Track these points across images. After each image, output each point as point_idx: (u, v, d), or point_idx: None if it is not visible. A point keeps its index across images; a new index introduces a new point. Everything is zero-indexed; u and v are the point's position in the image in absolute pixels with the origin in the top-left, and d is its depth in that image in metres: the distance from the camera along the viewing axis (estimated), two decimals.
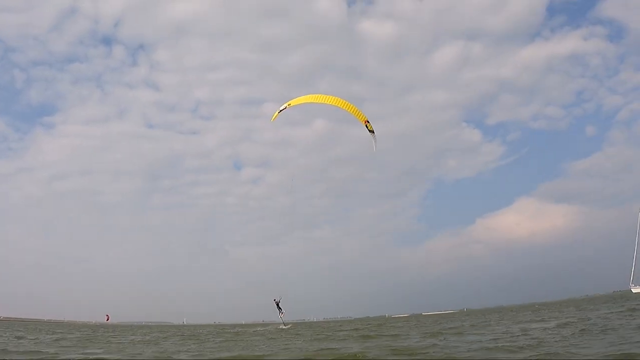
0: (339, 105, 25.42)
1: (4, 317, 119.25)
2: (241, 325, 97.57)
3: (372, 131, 25.59)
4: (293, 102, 26.94)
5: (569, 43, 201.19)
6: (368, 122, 25.55)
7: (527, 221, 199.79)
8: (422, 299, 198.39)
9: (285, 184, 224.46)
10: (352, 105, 25.56)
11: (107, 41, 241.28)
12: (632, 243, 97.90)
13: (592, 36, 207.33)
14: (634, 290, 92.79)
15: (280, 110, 26.98)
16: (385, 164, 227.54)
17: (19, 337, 30.26)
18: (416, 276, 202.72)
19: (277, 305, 41.32)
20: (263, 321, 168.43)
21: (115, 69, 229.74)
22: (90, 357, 17.39)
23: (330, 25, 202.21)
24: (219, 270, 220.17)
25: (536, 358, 12.03)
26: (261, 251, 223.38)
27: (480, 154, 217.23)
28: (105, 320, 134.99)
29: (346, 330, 33.97)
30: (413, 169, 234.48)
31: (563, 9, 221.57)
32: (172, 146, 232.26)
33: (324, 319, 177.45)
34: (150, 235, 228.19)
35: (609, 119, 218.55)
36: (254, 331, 42.41)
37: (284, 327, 42.74)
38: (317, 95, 26.43)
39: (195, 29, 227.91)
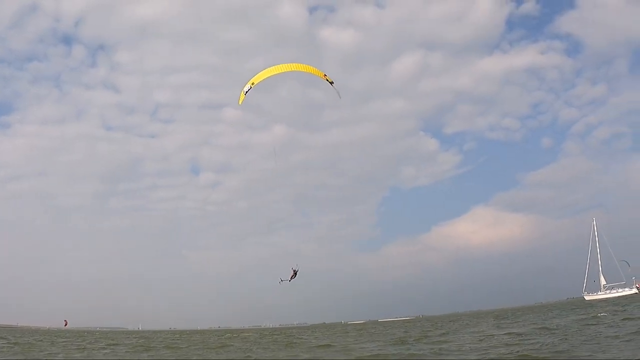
0: (299, 70, 25.94)
1: None
2: (200, 332, 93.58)
3: (331, 82, 26.59)
4: (256, 79, 26.26)
5: (526, 56, 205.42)
6: (326, 75, 26.60)
7: (483, 230, 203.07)
8: (379, 306, 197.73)
9: (243, 190, 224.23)
10: (309, 67, 26.30)
11: (68, 40, 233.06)
12: (585, 252, 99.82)
13: (550, 50, 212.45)
14: (587, 298, 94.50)
15: (245, 92, 26.47)
16: (344, 170, 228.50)
17: None
18: (372, 282, 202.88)
19: (295, 273, 38.38)
20: (219, 327, 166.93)
21: (74, 68, 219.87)
22: None
23: (292, 31, 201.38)
24: (177, 275, 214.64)
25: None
26: (220, 256, 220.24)
27: (437, 162, 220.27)
28: (63, 326, 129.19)
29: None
30: (371, 176, 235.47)
31: (522, 23, 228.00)
32: (130, 149, 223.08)
33: (280, 325, 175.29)
34: (107, 239, 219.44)
35: (564, 131, 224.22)
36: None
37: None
38: (276, 66, 26.13)
39: (157, 31, 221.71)
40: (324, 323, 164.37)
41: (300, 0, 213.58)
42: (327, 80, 26.57)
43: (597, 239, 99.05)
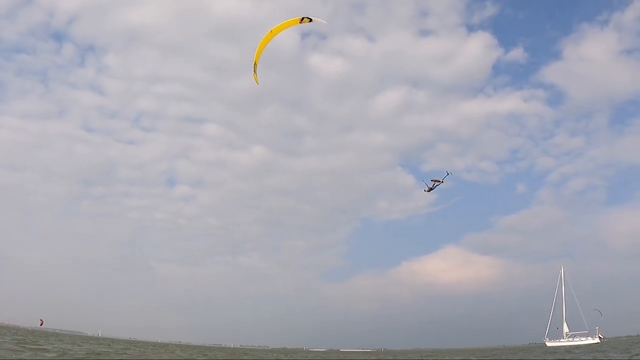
0: (289, 25, 25.84)
1: None
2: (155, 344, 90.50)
3: (310, 20, 26.03)
4: (256, 57, 26.34)
5: (509, 102, 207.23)
6: (303, 18, 26.04)
7: (452, 269, 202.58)
8: (342, 335, 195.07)
9: (215, 206, 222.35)
10: (294, 19, 25.89)
11: (59, 37, 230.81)
12: (550, 299, 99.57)
13: (533, 98, 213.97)
14: (548, 344, 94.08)
15: (255, 72, 26.72)
16: (318, 198, 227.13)
17: None
18: (338, 312, 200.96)
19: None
20: (180, 342, 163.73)
21: (62, 66, 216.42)
22: None
23: (281, 55, 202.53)
24: (143, 285, 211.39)
25: None
26: (187, 271, 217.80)
27: (412, 198, 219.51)
28: (39, 325, 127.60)
29: None
30: (345, 207, 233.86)
31: (508, 69, 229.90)
32: (108, 153, 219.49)
33: (241, 345, 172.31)
34: (76, 242, 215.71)
35: (540, 179, 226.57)
36: None
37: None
38: (267, 34, 26.11)
39: (148, 39, 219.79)
40: (286, 348, 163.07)
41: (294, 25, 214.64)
42: (305, 21, 25.96)
43: (563, 287, 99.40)
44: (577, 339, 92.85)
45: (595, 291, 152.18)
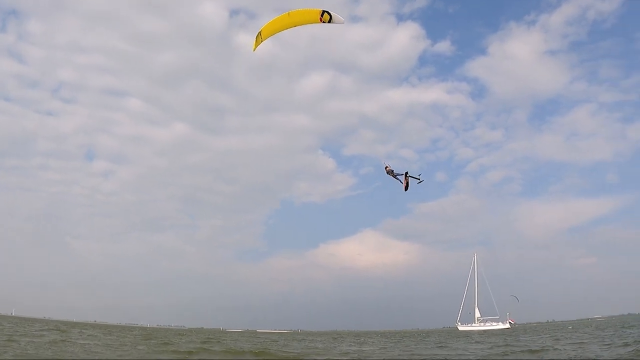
0: (308, 22, 23.00)
1: None
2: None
3: (330, 16, 22.12)
4: (263, 36, 23.15)
5: (433, 93, 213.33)
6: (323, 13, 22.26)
7: (369, 253, 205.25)
8: (259, 316, 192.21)
9: (133, 183, 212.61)
10: (314, 12, 22.47)
11: None
12: (463, 285, 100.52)
13: (456, 91, 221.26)
14: (460, 328, 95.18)
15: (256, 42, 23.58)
16: (237, 178, 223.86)
17: None
18: (254, 293, 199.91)
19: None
20: (95, 321, 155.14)
21: None
22: None
23: (208, 31, 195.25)
24: (58, 262, 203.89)
25: None
26: (103, 248, 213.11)
27: (332, 182, 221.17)
28: None
29: None
30: (263, 187, 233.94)
31: (434, 61, 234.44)
32: (25, 124, 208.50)
33: (157, 325, 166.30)
34: None
35: (458, 169, 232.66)
36: None
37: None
38: (285, 17, 22.71)
39: (72, 6, 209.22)
40: (203, 328, 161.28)
41: (223, 2, 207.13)
42: (326, 18, 22.51)
43: (476, 273, 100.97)
44: (489, 324, 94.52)
45: (508, 279, 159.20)
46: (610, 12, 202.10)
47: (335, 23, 22.47)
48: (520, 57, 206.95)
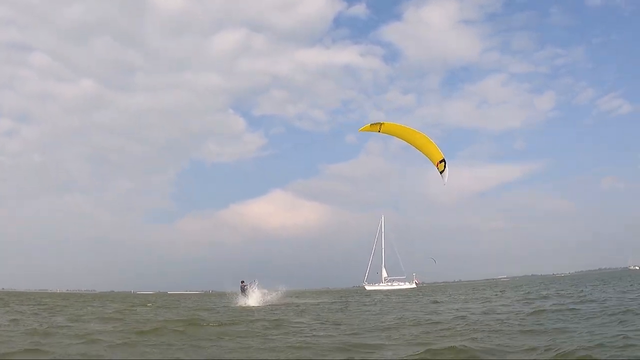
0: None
1: None
2: None
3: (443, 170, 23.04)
4: (387, 128, 23.62)
5: (346, 55, 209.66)
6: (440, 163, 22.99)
7: (280, 213, 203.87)
8: (169, 278, 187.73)
9: (39, 142, 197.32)
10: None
11: None
12: (371, 246, 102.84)
13: (369, 54, 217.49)
14: (367, 288, 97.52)
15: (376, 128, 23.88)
16: (146, 137, 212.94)
17: None
18: (165, 254, 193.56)
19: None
20: (2, 289, 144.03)
21: None
22: None
23: None
24: None
25: None
26: (9, 212, 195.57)
27: (242, 142, 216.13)
28: None
29: None
30: (173, 147, 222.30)
31: (348, 24, 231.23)
32: None
33: (67, 290, 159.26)
34: None
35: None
36: None
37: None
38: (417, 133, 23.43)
39: None
40: (113, 291, 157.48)
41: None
42: (439, 169, 22.85)
43: (383, 235, 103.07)
44: (396, 284, 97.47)
45: (417, 241, 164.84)
46: None
47: (442, 176, 23.31)
48: (435, 24, 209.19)
